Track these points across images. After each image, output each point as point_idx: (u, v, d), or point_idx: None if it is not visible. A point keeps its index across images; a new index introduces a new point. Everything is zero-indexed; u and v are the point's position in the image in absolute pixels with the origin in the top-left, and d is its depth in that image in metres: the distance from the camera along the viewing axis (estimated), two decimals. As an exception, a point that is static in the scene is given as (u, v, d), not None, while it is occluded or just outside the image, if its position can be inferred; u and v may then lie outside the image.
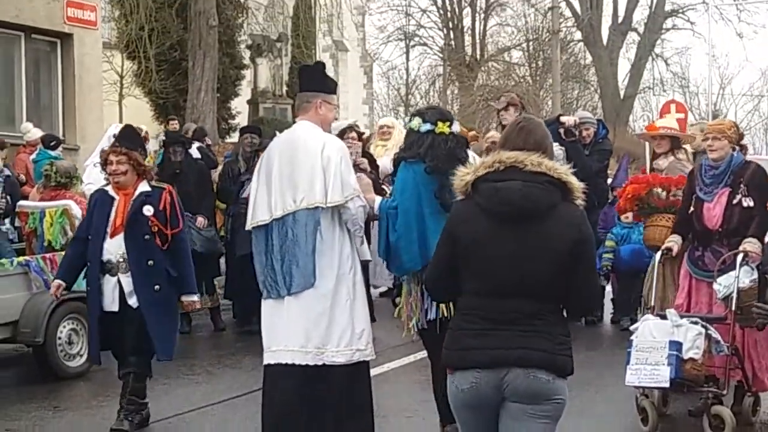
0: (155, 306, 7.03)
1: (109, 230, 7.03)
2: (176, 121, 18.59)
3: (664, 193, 8.25)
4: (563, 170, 4.20)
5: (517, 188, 4.12)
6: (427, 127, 6.33)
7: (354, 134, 10.95)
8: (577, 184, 4.23)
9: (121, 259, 7.01)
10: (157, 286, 7.03)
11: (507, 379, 4.10)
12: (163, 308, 7.11)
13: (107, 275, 7.05)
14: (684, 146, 9.35)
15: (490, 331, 4.13)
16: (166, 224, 7.07)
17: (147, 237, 7.01)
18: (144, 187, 7.13)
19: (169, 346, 7.24)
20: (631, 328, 7.25)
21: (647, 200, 8.24)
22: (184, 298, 7.26)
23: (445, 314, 6.22)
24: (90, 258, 7.09)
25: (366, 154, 11.01)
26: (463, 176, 4.27)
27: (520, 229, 4.13)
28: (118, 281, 7.02)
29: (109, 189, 7.18)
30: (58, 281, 7.27)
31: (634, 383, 6.87)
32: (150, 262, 7.02)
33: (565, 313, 4.29)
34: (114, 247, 7.01)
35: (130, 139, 7.27)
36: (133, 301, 7.01)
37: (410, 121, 6.49)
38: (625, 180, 11.17)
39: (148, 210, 7.03)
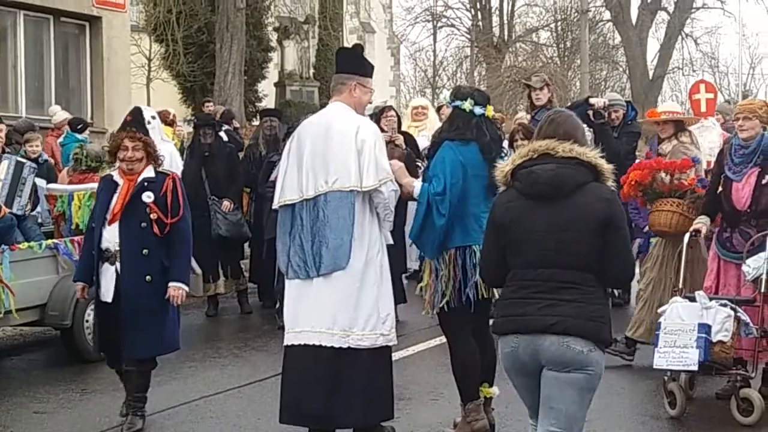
0: (144, 298, 6.68)
1: (108, 217, 6.73)
2: (212, 103, 18.60)
3: (668, 178, 8.16)
4: (593, 154, 4.57)
5: (549, 169, 4.52)
6: (480, 110, 6.32)
7: (393, 113, 10.99)
8: (607, 167, 4.60)
9: (119, 247, 6.70)
10: (148, 277, 6.68)
11: (542, 346, 4.44)
12: (156, 300, 6.72)
13: (106, 264, 6.74)
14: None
15: (530, 300, 4.49)
16: (167, 212, 6.73)
17: (144, 225, 6.67)
18: (148, 172, 6.81)
19: (156, 343, 6.86)
20: (659, 310, 7.21)
21: (651, 185, 8.15)
22: (171, 284, 6.73)
23: (485, 295, 6.23)
24: (94, 246, 6.79)
25: (403, 132, 10.99)
26: (502, 168, 4.69)
27: (554, 206, 4.51)
28: (116, 270, 6.72)
29: (115, 174, 6.88)
30: (80, 284, 6.96)
31: (663, 366, 6.83)
32: (145, 251, 6.67)
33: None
34: (111, 235, 6.70)
35: (141, 123, 7.02)
36: None
37: (456, 99, 6.42)
38: (654, 161, 11.11)
39: (148, 196, 6.70)
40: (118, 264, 6.71)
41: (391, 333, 6.26)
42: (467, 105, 6.32)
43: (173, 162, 11.44)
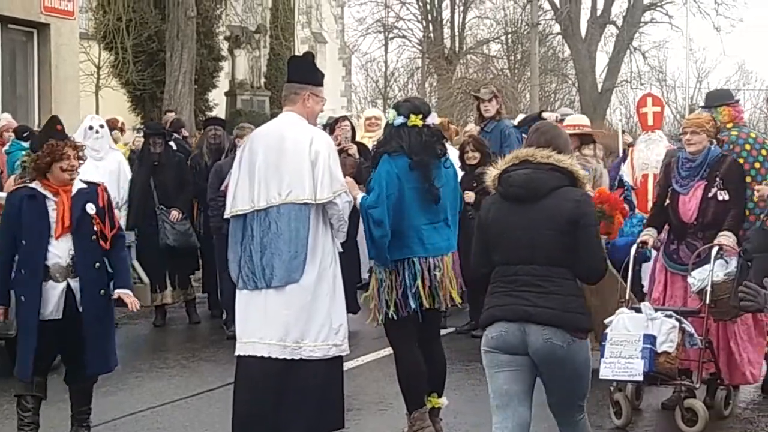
0: (100, 311, 6.54)
1: (54, 232, 6.40)
2: (173, 113, 18.42)
3: None
4: (569, 162, 5.07)
5: (524, 173, 5.03)
6: (401, 120, 6.34)
7: (347, 122, 10.99)
8: (582, 173, 5.10)
9: (71, 262, 6.46)
10: (102, 291, 6.54)
11: (529, 337, 4.88)
12: (106, 313, 6.62)
13: (51, 281, 6.42)
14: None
15: (511, 292, 4.95)
16: (105, 223, 6.55)
17: (93, 237, 6.49)
18: (79, 183, 6.59)
19: (112, 356, 6.74)
20: (606, 321, 7.21)
21: None
22: (121, 291, 6.59)
23: (428, 305, 6.25)
24: (26, 264, 6.44)
25: (357, 142, 10.98)
26: (491, 173, 5.15)
27: (529, 208, 4.99)
28: (67, 286, 6.44)
29: (37, 186, 6.54)
30: (1, 308, 6.56)
31: (609, 377, 6.83)
32: (97, 265, 6.50)
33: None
34: (62, 250, 6.41)
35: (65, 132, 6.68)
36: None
37: (388, 113, 6.50)
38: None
39: (90, 208, 6.50)
40: (70, 280, 6.46)
41: (343, 343, 6.27)
42: (390, 116, 6.39)
43: (121, 170, 11.38)
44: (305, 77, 6.43)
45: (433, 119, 6.49)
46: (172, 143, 12.22)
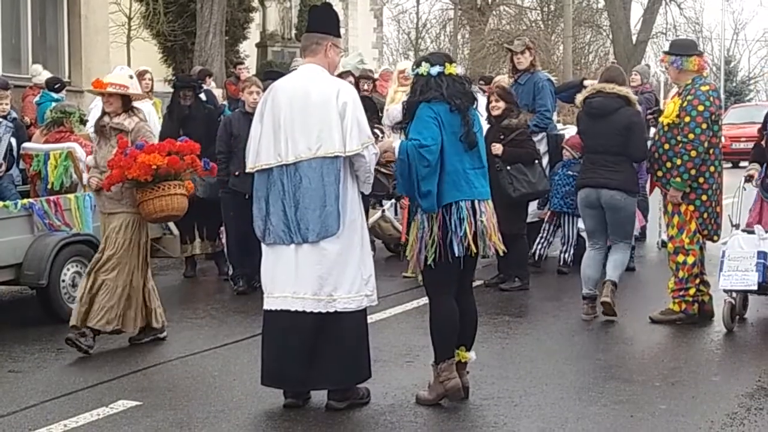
0: None
1: None
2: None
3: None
4: (625, 90, 8.59)
5: (598, 100, 8.58)
6: (438, 69, 6.29)
7: (351, 78, 10.94)
8: (633, 97, 8.63)
9: None
10: None
11: (602, 194, 8.47)
12: None
13: None
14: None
15: (592, 170, 8.59)
16: None
17: None
18: None
19: None
20: (720, 242, 8.58)
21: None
22: None
23: (473, 251, 6.18)
24: None
25: (362, 96, 10.81)
26: (578, 97, 8.78)
27: (602, 120, 8.51)
28: None
29: None
30: None
31: (727, 287, 8.15)
32: None
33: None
34: None
35: None
36: None
37: (417, 68, 6.42)
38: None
39: None
40: None
41: (373, 293, 6.31)
42: (423, 69, 6.32)
43: (151, 121, 11.37)
44: (326, 27, 6.36)
45: (461, 70, 6.45)
46: (202, 95, 12.19)
